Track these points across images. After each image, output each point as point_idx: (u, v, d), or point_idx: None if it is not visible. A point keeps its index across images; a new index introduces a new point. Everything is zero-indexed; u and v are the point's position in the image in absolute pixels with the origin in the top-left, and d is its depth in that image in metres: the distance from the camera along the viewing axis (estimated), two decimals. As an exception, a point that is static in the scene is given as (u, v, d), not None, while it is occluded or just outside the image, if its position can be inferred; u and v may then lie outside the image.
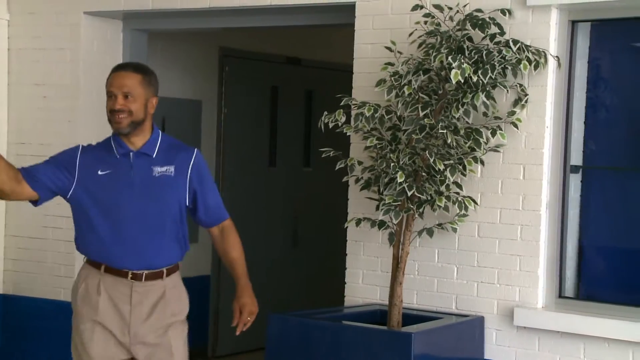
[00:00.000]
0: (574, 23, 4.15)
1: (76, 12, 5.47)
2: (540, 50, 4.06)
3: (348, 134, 4.33)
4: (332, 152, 4.27)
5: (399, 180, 3.96)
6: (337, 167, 4.29)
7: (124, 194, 3.55)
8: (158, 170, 3.59)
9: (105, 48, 5.58)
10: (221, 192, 6.61)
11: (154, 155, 3.61)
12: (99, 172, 3.56)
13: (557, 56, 4.11)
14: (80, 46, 5.47)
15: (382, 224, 4.17)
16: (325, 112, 4.21)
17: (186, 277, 3.85)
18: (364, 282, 4.58)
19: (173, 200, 3.61)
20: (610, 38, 4.28)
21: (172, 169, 3.60)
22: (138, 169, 3.58)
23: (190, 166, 3.63)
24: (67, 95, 5.51)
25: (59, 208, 5.46)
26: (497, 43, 4.05)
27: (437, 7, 4.18)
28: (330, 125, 4.18)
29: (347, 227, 4.55)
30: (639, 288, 4.26)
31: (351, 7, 4.63)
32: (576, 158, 4.20)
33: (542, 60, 4.06)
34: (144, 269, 3.57)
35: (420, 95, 4.06)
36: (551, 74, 4.11)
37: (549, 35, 4.10)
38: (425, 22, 4.19)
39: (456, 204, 4.10)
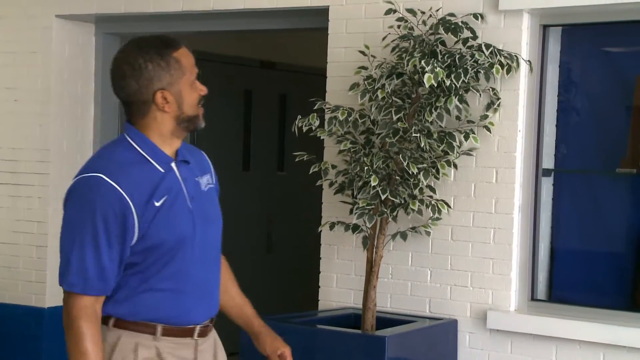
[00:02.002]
0: (545, 27, 4.18)
1: (48, 16, 5.44)
2: (513, 54, 4.09)
3: (322, 137, 4.33)
4: (305, 156, 4.26)
5: (373, 183, 3.97)
6: (311, 171, 4.28)
7: (186, 224, 2.53)
8: (202, 181, 2.64)
9: (77, 52, 5.54)
10: (195, 196, 6.70)
11: (190, 163, 2.62)
12: (155, 204, 2.45)
13: (529, 60, 4.13)
14: (51, 50, 5.44)
15: (355, 228, 4.18)
16: (299, 116, 4.21)
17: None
18: (338, 286, 4.58)
19: (221, 220, 2.74)
20: (581, 42, 4.31)
21: (210, 178, 2.71)
22: (187, 184, 2.56)
23: (213, 173, 2.76)
24: (39, 100, 5.47)
25: (30, 213, 5.45)
26: (470, 47, 4.07)
27: (410, 11, 4.20)
28: (304, 129, 4.18)
29: (321, 231, 4.55)
30: (610, 290, 4.30)
31: (324, 11, 4.63)
32: (548, 161, 4.23)
33: (514, 64, 4.08)
34: (210, 317, 2.64)
35: (394, 99, 4.07)
36: (523, 78, 4.13)
37: (521, 40, 4.13)
38: (399, 26, 4.20)
39: (429, 208, 4.11)
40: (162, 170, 2.48)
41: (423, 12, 4.20)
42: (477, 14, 4.15)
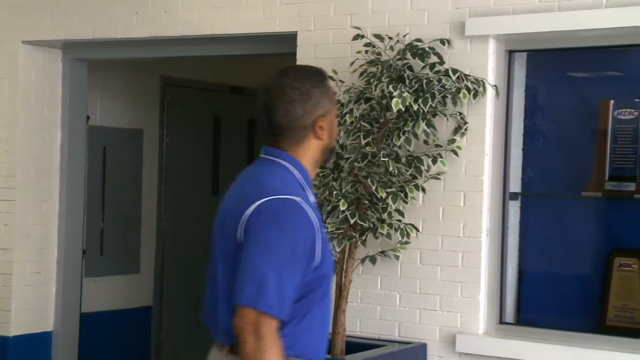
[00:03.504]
0: (510, 52, 4.23)
1: (14, 42, 5.41)
2: (479, 79, 4.13)
3: (290, 162, 4.33)
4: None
5: (342, 208, 3.97)
6: (279, 196, 4.28)
7: (331, 256, 2.50)
8: None
9: (44, 78, 5.51)
10: (162, 221, 6.68)
11: None
12: (322, 231, 2.43)
13: (495, 85, 4.18)
14: (18, 76, 5.41)
15: (325, 252, 4.16)
16: (268, 141, 4.20)
17: (127, 308, 3.81)
18: (308, 311, 4.56)
19: None
20: (546, 67, 4.37)
21: None
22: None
23: None
24: (5, 125, 5.43)
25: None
26: (437, 72, 4.10)
27: (378, 36, 4.23)
28: (273, 153, 4.17)
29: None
30: (577, 313, 4.33)
31: (292, 37, 4.65)
32: (515, 185, 4.26)
33: (481, 89, 4.12)
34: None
35: (362, 123, 4.09)
36: (490, 103, 4.17)
37: (487, 65, 4.17)
38: (366, 52, 4.23)
39: (398, 232, 4.12)
40: (314, 199, 2.46)
41: (390, 38, 4.23)
42: (444, 39, 4.19)
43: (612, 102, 4.13)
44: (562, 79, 4.42)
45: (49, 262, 5.53)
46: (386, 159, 3.97)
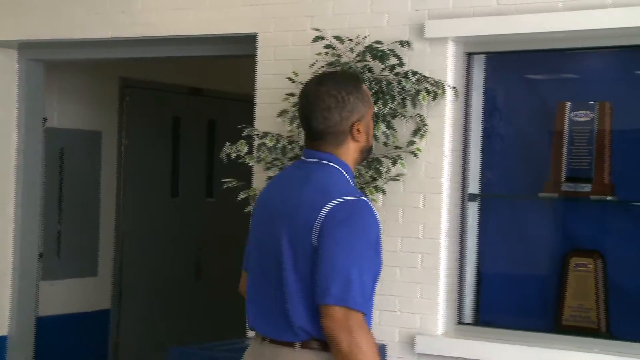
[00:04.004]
0: (469, 55, 4.26)
1: (-30, 41, 5.34)
2: (438, 81, 4.15)
3: (250, 164, 4.32)
4: (234, 183, 4.25)
5: (302, 209, 3.97)
6: (239, 198, 4.27)
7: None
8: None
9: (0, 78, 5.44)
10: (122, 224, 6.62)
11: None
12: None
13: (454, 87, 4.20)
14: (-26, 76, 5.34)
15: (285, 254, 4.16)
16: (228, 143, 4.19)
17: (85, 311, 3.77)
18: (268, 313, 4.55)
19: None
20: (504, 70, 4.41)
21: None
22: None
23: None
24: (-40, 126, 5.36)
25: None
26: (397, 74, 4.12)
27: (338, 38, 4.23)
28: (233, 155, 4.17)
29: (250, 257, 4.52)
30: (535, 313, 4.37)
31: (252, 38, 4.64)
32: (474, 186, 4.29)
33: (440, 91, 4.15)
34: None
35: (322, 125, 4.08)
36: (449, 105, 4.20)
37: (446, 67, 4.20)
38: (327, 54, 4.23)
39: (358, 233, 4.12)
40: None
41: (350, 40, 4.24)
42: (404, 41, 4.21)
43: (568, 104, 4.18)
44: (520, 81, 4.46)
45: (3, 265, 5.46)
46: (346, 161, 3.97)
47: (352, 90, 2.53)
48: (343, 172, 2.53)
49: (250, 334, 4.57)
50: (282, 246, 2.47)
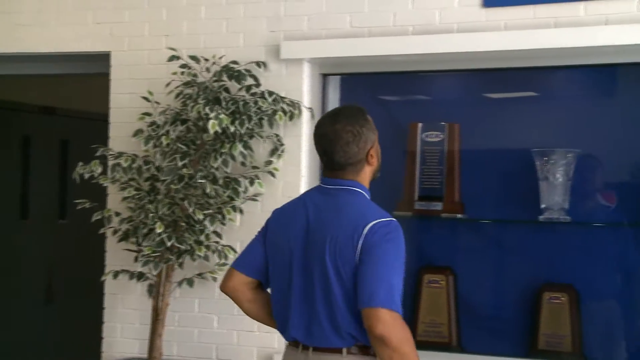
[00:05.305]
0: (325, 76, 4.33)
1: None
2: (295, 101, 4.20)
3: (104, 185, 4.24)
4: (88, 204, 4.15)
5: (158, 230, 3.92)
6: (93, 219, 4.18)
7: None
8: None
9: None
10: (-32, 247, 6.34)
11: None
12: None
13: (310, 107, 4.26)
14: None
15: (141, 276, 4.10)
16: (81, 163, 4.10)
17: None
18: (123, 336, 4.46)
19: None
20: (358, 91, 4.50)
21: None
22: None
23: None
24: None
25: None
26: (254, 94, 4.14)
27: (194, 58, 4.22)
28: (86, 176, 4.08)
29: (104, 280, 4.43)
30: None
31: (106, 57, 4.57)
32: (330, 205, 4.34)
33: (297, 111, 4.19)
34: None
35: (179, 145, 4.06)
36: (305, 125, 4.25)
37: (302, 87, 4.25)
38: (182, 73, 4.21)
39: (216, 253, 4.11)
40: None
41: (206, 60, 4.23)
42: (260, 62, 4.24)
43: (420, 125, 4.31)
44: (374, 102, 4.56)
45: None
46: (203, 181, 3.96)
47: (363, 122, 2.85)
48: (366, 195, 2.89)
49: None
50: (327, 262, 2.75)
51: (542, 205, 4.04)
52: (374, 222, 2.76)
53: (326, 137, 2.83)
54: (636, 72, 4.00)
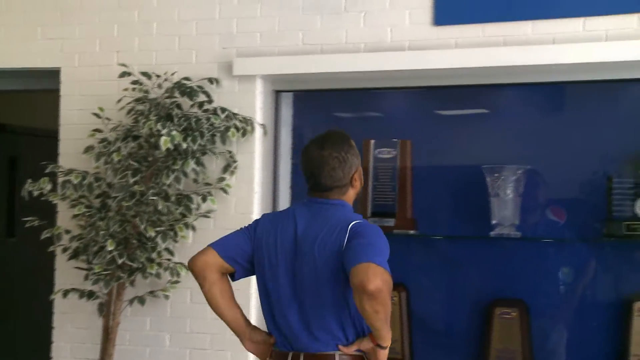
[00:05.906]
0: (277, 92, 4.33)
1: None
2: (247, 118, 4.20)
3: (54, 202, 4.19)
4: (37, 221, 4.10)
5: (109, 248, 3.88)
6: (42, 237, 4.12)
7: None
8: None
9: None
10: None
11: None
12: None
13: (263, 124, 4.26)
14: None
15: (91, 294, 4.05)
16: (30, 180, 4.05)
17: None
18: (72, 356, 4.40)
19: None
20: (311, 107, 4.51)
21: None
22: None
23: None
24: None
25: None
26: (206, 111, 4.13)
27: (145, 74, 4.20)
28: (35, 193, 4.02)
29: (53, 299, 4.36)
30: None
31: (56, 73, 4.52)
32: (283, 222, 4.34)
33: (249, 127, 4.19)
34: None
35: (130, 162, 4.03)
36: (258, 141, 4.25)
37: (255, 104, 4.25)
38: (134, 89, 4.18)
39: (168, 271, 4.08)
40: None
41: (158, 76, 4.21)
42: (212, 78, 4.23)
43: (372, 141, 4.33)
44: (327, 118, 4.58)
45: None
46: (155, 198, 3.93)
47: (348, 148, 2.99)
48: (351, 210, 3.02)
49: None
50: (316, 260, 2.85)
51: (493, 221, 4.09)
52: (358, 221, 2.91)
53: (313, 161, 2.97)
54: (584, 89, 4.08)
